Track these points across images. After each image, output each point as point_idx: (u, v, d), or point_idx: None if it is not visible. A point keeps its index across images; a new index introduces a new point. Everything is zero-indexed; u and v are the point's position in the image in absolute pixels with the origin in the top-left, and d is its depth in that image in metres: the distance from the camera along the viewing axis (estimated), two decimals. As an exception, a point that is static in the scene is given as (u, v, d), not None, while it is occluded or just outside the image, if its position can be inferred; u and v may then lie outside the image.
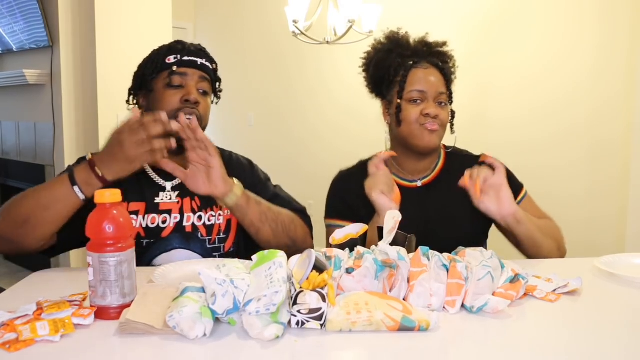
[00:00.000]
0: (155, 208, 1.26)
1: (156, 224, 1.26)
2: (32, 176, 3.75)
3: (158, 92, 1.27)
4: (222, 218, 1.31)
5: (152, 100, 1.28)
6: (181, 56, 1.27)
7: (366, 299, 0.85)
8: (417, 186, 1.41)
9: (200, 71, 1.28)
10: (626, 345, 0.80)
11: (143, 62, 1.32)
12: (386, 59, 1.42)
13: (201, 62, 1.29)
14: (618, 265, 1.14)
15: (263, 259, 0.87)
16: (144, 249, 1.25)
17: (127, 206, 1.25)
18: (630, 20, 2.92)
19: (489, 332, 0.84)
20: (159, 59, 1.28)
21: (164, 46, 1.31)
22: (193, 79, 1.27)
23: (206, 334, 0.78)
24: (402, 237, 1.03)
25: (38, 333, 0.76)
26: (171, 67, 1.26)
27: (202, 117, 1.27)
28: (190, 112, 1.24)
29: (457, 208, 1.37)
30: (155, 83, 1.27)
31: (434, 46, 1.43)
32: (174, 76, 1.25)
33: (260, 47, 4.64)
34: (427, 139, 1.34)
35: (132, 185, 1.24)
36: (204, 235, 1.28)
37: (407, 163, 1.42)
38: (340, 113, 4.24)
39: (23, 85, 3.57)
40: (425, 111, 1.33)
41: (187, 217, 1.28)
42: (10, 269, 4.12)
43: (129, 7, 3.35)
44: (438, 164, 1.45)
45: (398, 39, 1.44)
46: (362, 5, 3.06)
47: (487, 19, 3.46)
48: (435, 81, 1.36)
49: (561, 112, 3.18)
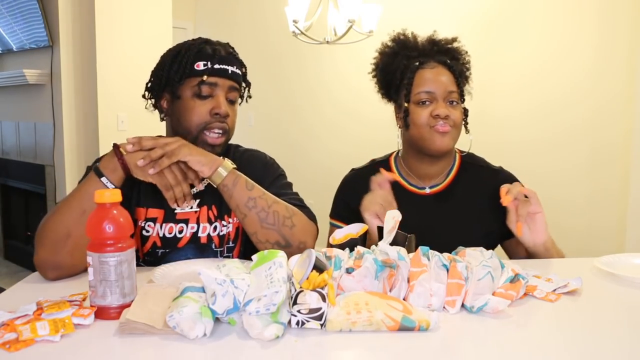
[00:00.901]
0: (173, 217, 1.23)
1: (173, 233, 1.23)
2: (32, 176, 3.75)
3: (186, 101, 1.21)
4: (232, 226, 1.27)
5: (178, 108, 1.22)
6: (212, 64, 1.20)
7: (366, 299, 0.85)
8: (425, 193, 1.38)
9: (231, 80, 1.22)
10: (626, 345, 0.80)
11: (168, 62, 1.23)
12: (392, 62, 1.39)
13: (232, 71, 1.22)
14: (618, 265, 1.14)
15: (263, 259, 0.87)
16: (159, 258, 1.22)
17: (146, 212, 1.22)
18: (630, 20, 2.92)
19: (489, 332, 0.84)
20: (187, 64, 1.20)
21: (192, 47, 1.22)
22: (223, 89, 1.21)
23: (206, 334, 0.78)
24: (402, 237, 1.03)
25: (38, 333, 0.76)
26: (201, 75, 1.19)
27: (229, 130, 1.23)
28: (220, 127, 1.21)
29: (466, 223, 1.33)
30: (183, 90, 1.21)
31: (443, 43, 1.39)
32: (203, 86, 1.19)
33: (260, 47, 4.64)
34: (438, 141, 1.29)
35: (150, 191, 1.22)
36: (217, 246, 1.25)
37: (418, 167, 1.38)
38: (340, 113, 4.25)
39: (23, 85, 3.58)
40: (435, 112, 1.29)
41: (202, 227, 1.24)
42: (10, 269, 4.12)
43: (129, 6, 3.36)
44: (451, 171, 1.40)
45: (404, 40, 1.41)
46: (362, 5, 3.06)
47: (486, 18, 3.46)
48: (443, 80, 1.31)
49: (560, 114, 3.18)
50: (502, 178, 1.38)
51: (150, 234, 1.23)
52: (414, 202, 1.35)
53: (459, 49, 1.40)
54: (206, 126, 1.20)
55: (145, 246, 1.23)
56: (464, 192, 1.37)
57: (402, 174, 1.40)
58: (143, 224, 1.23)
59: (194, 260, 1.17)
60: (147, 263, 1.23)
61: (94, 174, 1.08)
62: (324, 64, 4.28)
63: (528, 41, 3.28)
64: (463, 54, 1.40)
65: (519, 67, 3.32)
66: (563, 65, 3.16)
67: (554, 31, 3.20)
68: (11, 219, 4.26)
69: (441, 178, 1.38)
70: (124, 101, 3.32)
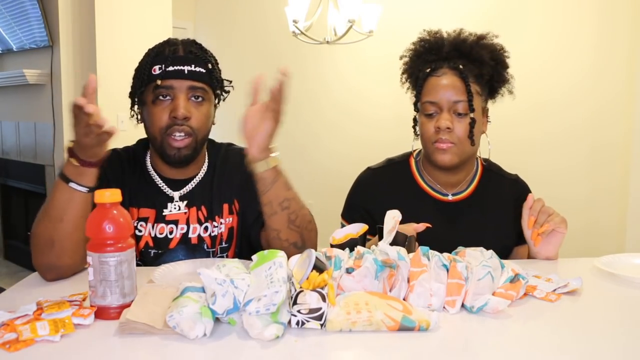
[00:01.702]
0: (163, 218, 1.24)
1: (164, 234, 1.23)
2: (32, 176, 3.75)
3: (148, 107, 1.19)
4: (224, 226, 1.26)
5: (144, 114, 1.22)
6: (165, 66, 1.16)
7: (366, 299, 0.85)
8: (447, 200, 1.34)
9: (190, 80, 1.18)
10: (626, 345, 0.80)
11: (136, 68, 1.23)
12: (413, 65, 1.33)
13: (189, 70, 1.17)
14: (618, 265, 1.14)
15: (263, 259, 0.87)
16: (152, 258, 1.22)
17: (138, 212, 1.23)
18: (630, 20, 2.91)
19: (489, 332, 0.84)
20: (146, 69, 1.18)
21: (152, 50, 1.21)
22: (181, 91, 1.17)
23: (206, 334, 0.78)
24: (402, 237, 1.02)
25: (38, 333, 0.76)
26: (155, 80, 1.16)
27: (195, 132, 1.19)
28: (181, 130, 1.17)
29: (488, 231, 1.32)
30: (145, 96, 1.20)
31: (467, 45, 1.28)
32: (159, 90, 1.17)
33: (260, 47, 4.64)
34: (439, 158, 1.25)
35: (143, 191, 1.23)
36: (209, 246, 1.25)
37: (438, 176, 1.34)
38: (339, 113, 4.24)
39: (23, 85, 3.58)
40: (436, 124, 1.24)
41: (192, 228, 1.24)
42: (10, 269, 4.12)
43: (129, 6, 3.36)
44: (474, 180, 1.36)
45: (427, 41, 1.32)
46: (362, 5, 3.06)
47: (486, 18, 3.45)
48: (450, 89, 1.23)
49: (560, 114, 3.18)
50: (520, 188, 1.39)
51: (142, 233, 1.23)
52: (437, 209, 1.33)
53: (488, 47, 1.29)
54: (167, 130, 1.17)
55: (139, 246, 1.23)
56: (487, 201, 1.35)
57: (424, 179, 1.35)
58: (136, 224, 1.23)
59: (194, 260, 1.17)
60: (143, 263, 1.23)
61: (60, 181, 1.04)
62: (324, 64, 4.28)
63: (528, 41, 3.28)
64: (495, 52, 1.29)
65: (519, 67, 3.28)
66: (563, 65, 3.16)
67: (553, 31, 3.20)
68: (11, 219, 4.26)
69: (463, 185, 1.35)
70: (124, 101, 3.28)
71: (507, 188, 1.38)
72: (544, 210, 1.21)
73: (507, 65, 1.32)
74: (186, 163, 1.22)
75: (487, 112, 1.34)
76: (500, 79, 1.31)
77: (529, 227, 1.21)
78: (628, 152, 2.94)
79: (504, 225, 1.34)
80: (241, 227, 1.29)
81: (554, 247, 1.23)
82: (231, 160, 1.32)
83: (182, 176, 1.26)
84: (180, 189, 1.25)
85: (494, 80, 1.30)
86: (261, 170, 1.09)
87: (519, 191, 1.38)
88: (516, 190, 1.38)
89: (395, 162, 1.41)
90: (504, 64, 1.31)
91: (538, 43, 3.25)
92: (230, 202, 1.28)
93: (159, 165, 1.26)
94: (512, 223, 1.32)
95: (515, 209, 1.30)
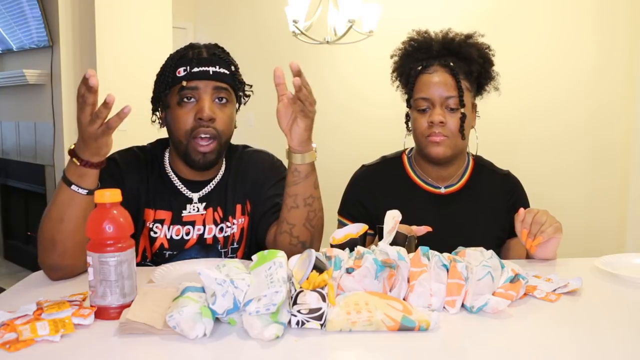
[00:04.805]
0: (180, 219, 1.23)
1: (180, 235, 1.23)
2: (32, 176, 3.75)
3: (172, 110, 1.19)
4: (236, 227, 1.27)
5: (169, 117, 1.21)
6: (190, 68, 1.17)
7: (366, 299, 0.85)
8: (440, 192, 1.38)
9: (215, 81, 1.18)
10: (626, 344, 0.80)
11: (159, 72, 1.23)
12: (403, 64, 1.38)
13: (214, 71, 1.18)
14: (618, 265, 1.14)
15: (263, 259, 0.87)
16: (166, 260, 1.22)
17: (155, 213, 1.22)
18: (630, 20, 2.92)
19: (489, 332, 0.84)
20: (170, 72, 1.19)
21: (176, 54, 1.22)
22: (207, 92, 1.18)
23: (206, 334, 0.78)
24: (402, 237, 1.03)
25: (38, 333, 0.76)
26: (180, 81, 1.17)
27: (220, 134, 1.19)
28: (207, 132, 1.17)
29: (481, 223, 1.35)
30: (170, 99, 1.19)
31: (455, 43, 1.34)
32: (184, 91, 1.17)
33: (260, 47, 4.64)
34: (433, 151, 1.30)
35: (160, 192, 1.23)
36: (222, 247, 1.26)
37: (430, 170, 1.38)
38: (339, 113, 4.24)
39: (23, 85, 3.58)
40: (429, 118, 1.29)
41: (208, 228, 1.25)
42: (10, 269, 4.11)
43: (129, 7, 3.35)
44: (465, 173, 1.40)
45: (417, 40, 1.37)
46: (362, 5, 3.06)
47: (486, 18, 3.46)
48: (441, 85, 1.28)
49: (560, 114, 3.18)
50: (511, 183, 1.42)
51: (158, 235, 1.23)
52: (430, 201, 1.37)
53: (475, 46, 1.35)
54: (192, 133, 1.17)
55: (154, 247, 1.24)
56: (479, 193, 1.39)
57: (417, 173, 1.40)
58: (151, 225, 1.23)
59: (194, 260, 1.17)
60: (155, 263, 1.23)
61: (63, 183, 1.03)
62: (324, 64, 4.28)
63: (528, 41, 3.28)
64: (482, 50, 1.35)
65: (519, 67, 3.31)
66: (563, 65, 3.16)
67: (553, 31, 3.20)
68: (11, 219, 4.26)
69: (455, 179, 1.39)
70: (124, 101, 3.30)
71: (499, 181, 1.42)
72: (536, 221, 1.18)
73: (493, 63, 1.39)
74: (210, 167, 1.23)
75: (475, 108, 1.39)
76: (488, 76, 1.38)
77: (522, 239, 1.20)
78: (628, 152, 2.94)
79: (497, 216, 1.37)
80: (251, 227, 1.30)
81: (550, 250, 1.23)
82: (246, 162, 1.33)
83: (201, 178, 1.27)
84: (199, 190, 1.26)
85: (481, 77, 1.36)
86: (298, 162, 1.12)
87: (510, 185, 1.42)
88: (508, 185, 1.42)
89: (388, 158, 1.46)
90: (490, 61, 1.38)
91: (538, 43, 3.25)
92: (243, 203, 1.29)
93: (178, 166, 1.26)
94: (505, 215, 1.35)
95: (507, 201, 1.37)
